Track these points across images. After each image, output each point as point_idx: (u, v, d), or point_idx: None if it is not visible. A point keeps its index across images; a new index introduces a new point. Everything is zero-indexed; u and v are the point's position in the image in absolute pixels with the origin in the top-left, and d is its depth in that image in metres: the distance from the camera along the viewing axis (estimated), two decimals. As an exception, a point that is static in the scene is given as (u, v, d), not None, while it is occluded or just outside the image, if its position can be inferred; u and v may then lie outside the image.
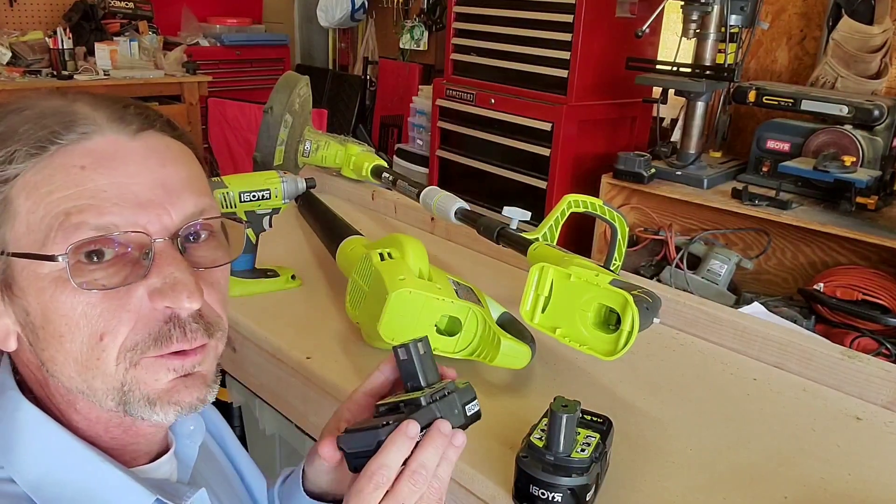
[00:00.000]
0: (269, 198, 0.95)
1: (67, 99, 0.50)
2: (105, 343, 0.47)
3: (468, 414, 0.54)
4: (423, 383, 0.55)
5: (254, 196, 0.94)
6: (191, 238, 0.50)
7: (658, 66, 2.25)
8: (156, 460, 0.56)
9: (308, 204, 1.31)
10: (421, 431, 0.51)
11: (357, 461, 0.52)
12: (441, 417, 0.52)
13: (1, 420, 0.50)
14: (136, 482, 0.50)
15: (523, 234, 0.91)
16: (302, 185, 0.98)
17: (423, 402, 0.52)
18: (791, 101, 2.02)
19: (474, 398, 0.55)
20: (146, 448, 0.55)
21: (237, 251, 0.55)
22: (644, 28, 2.10)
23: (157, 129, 0.51)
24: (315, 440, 0.87)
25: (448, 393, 0.53)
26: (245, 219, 0.94)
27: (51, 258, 0.45)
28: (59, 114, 0.48)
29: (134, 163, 0.48)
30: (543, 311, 0.74)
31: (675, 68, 2.17)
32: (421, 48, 3.79)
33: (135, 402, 0.48)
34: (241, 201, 0.93)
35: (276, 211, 0.97)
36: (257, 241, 0.97)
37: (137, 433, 0.53)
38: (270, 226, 0.97)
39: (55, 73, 3.22)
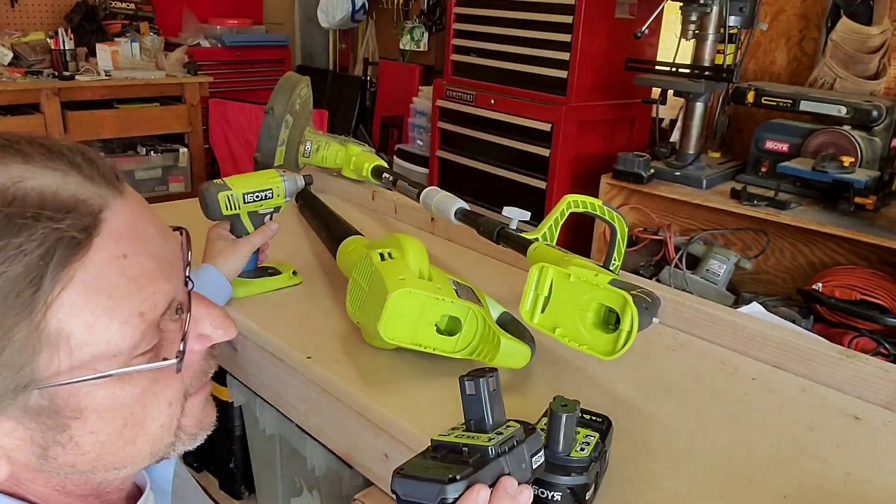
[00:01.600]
0: (272, 197, 0.95)
1: (26, 160, 0.39)
2: (173, 408, 0.46)
3: (534, 467, 0.51)
4: (488, 425, 0.50)
5: (257, 196, 0.94)
6: None
7: (657, 67, 2.25)
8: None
9: (308, 204, 1.31)
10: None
11: None
12: (509, 474, 0.49)
13: None
14: None
15: (523, 234, 0.91)
16: (301, 182, 0.99)
17: (491, 454, 0.48)
18: (790, 101, 2.02)
19: (541, 448, 0.52)
20: (118, 496, 0.52)
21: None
22: (643, 29, 2.10)
23: (118, 176, 0.45)
24: (315, 440, 0.88)
25: (516, 443, 0.50)
26: (248, 220, 0.95)
27: (162, 359, 0.43)
28: (74, 184, 0.39)
29: (144, 223, 0.43)
30: (543, 310, 0.74)
31: (674, 69, 2.18)
32: (421, 49, 3.79)
33: (181, 443, 0.48)
34: (244, 202, 0.93)
35: (277, 209, 0.97)
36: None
37: (107, 489, 0.50)
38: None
39: (56, 73, 3.22)
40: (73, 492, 0.47)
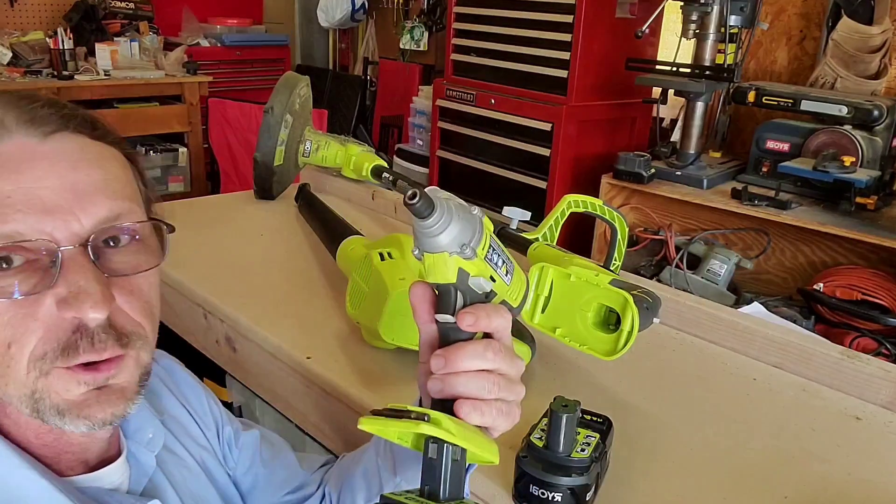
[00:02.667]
0: None
1: None
2: (13, 352, 0.45)
3: None
4: (442, 496, 0.45)
5: None
6: (110, 243, 0.48)
7: (658, 67, 2.25)
8: (100, 468, 0.53)
9: (308, 204, 1.31)
10: None
11: None
12: None
13: None
14: (60, 493, 0.48)
15: (523, 234, 0.91)
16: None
17: None
18: (790, 101, 2.02)
19: None
20: (81, 456, 0.53)
21: (164, 255, 0.52)
22: (644, 28, 2.10)
23: (71, 129, 0.49)
24: (315, 440, 0.88)
25: None
26: None
27: None
28: None
29: (42, 167, 0.46)
30: (543, 311, 0.74)
31: (674, 69, 2.18)
32: (421, 48, 3.79)
33: (45, 411, 0.47)
34: None
35: None
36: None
37: (70, 442, 0.51)
38: None
39: (56, 73, 3.22)
40: (31, 423, 0.48)
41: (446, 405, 0.48)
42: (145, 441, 0.58)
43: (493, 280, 0.48)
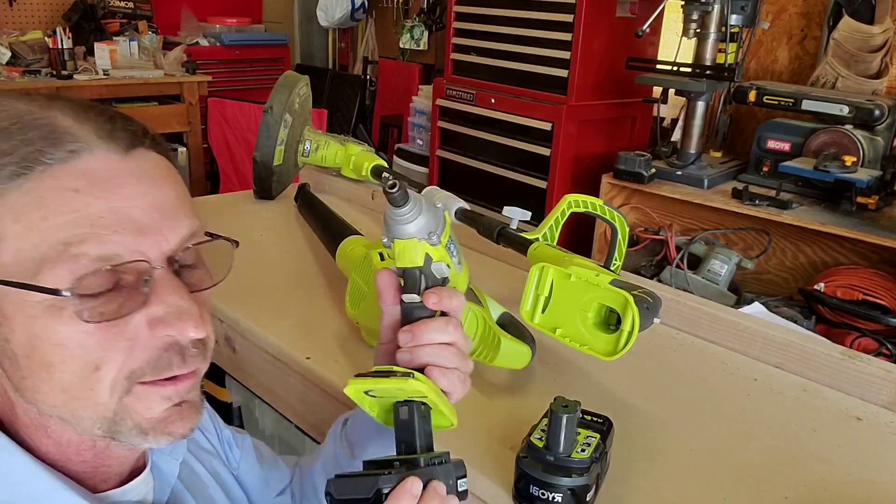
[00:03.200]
0: None
1: (41, 105, 0.46)
2: (101, 374, 0.44)
3: (458, 490, 0.52)
4: (417, 448, 0.53)
5: None
6: (185, 260, 0.49)
7: (658, 66, 2.25)
8: (128, 482, 0.53)
9: (308, 204, 1.31)
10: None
11: None
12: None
13: None
14: None
15: (523, 234, 0.91)
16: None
17: (422, 464, 0.51)
18: (791, 100, 2.02)
19: (465, 475, 0.53)
20: (118, 469, 0.53)
21: (225, 271, 0.52)
22: (644, 28, 2.10)
23: (146, 146, 0.48)
24: (315, 440, 0.87)
25: (445, 460, 0.52)
26: None
27: (53, 292, 0.42)
28: (39, 126, 0.44)
29: (130, 185, 0.45)
30: (543, 311, 0.74)
31: (675, 68, 2.17)
32: (421, 48, 3.78)
33: (126, 432, 0.46)
34: None
35: None
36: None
37: (110, 456, 0.51)
38: None
39: (55, 72, 3.22)
40: (73, 441, 0.48)
41: None
42: (168, 450, 0.58)
43: (449, 267, 0.55)
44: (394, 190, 0.49)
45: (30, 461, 0.47)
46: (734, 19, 2.06)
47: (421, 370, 0.54)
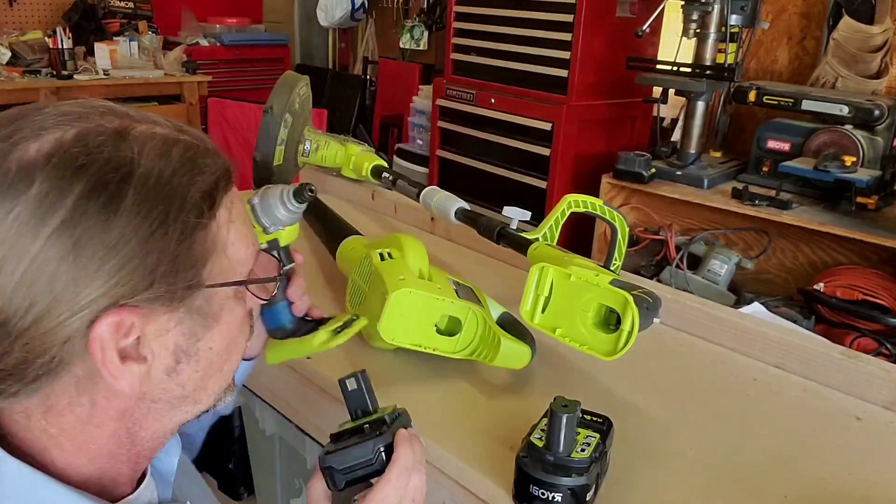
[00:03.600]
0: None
1: (172, 130, 0.49)
2: (234, 357, 0.53)
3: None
4: (371, 408, 0.61)
5: None
6: None
7: (658, 66, 2.25)
8: (138, 486, 0.53)
9: (308, 204, 1.30)
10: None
11: (350, 475, 0.56)
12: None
13: None
14: None
15: (523, 234, 0.91)
16: (291, 206, 0.86)
17: (388, 420, 0.58)
18: (791, 100, 2.02)
19: (411, 423, 0.62)
20: (129, 475, 0.52)
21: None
22: (644, 28, 2.10)
23: None
24: (316, 440, 0.87)
25: (399, 413, 0.61)
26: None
27: (273, 279, 0.55)
28: (193, 144, 0.48)
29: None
30: (543, 311, 0.74)
31: (675, 68, 2.17)
32: (421, 48, 3.78)
33: (226, 394, 0.54)
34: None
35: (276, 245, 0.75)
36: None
37: (119, 460, 0.50)
38: (291, 260, 0.75)
39: (55, 72, 3.22)
40: (131, 443, 0.50)
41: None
42: (164, 448, 0.58)
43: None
44: (313, 193, 0.66)
45: (60, 489, 0.46)
46: (734, 19, 2.06)
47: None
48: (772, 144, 2.11)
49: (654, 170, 2.18)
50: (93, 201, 0.41)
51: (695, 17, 2.07)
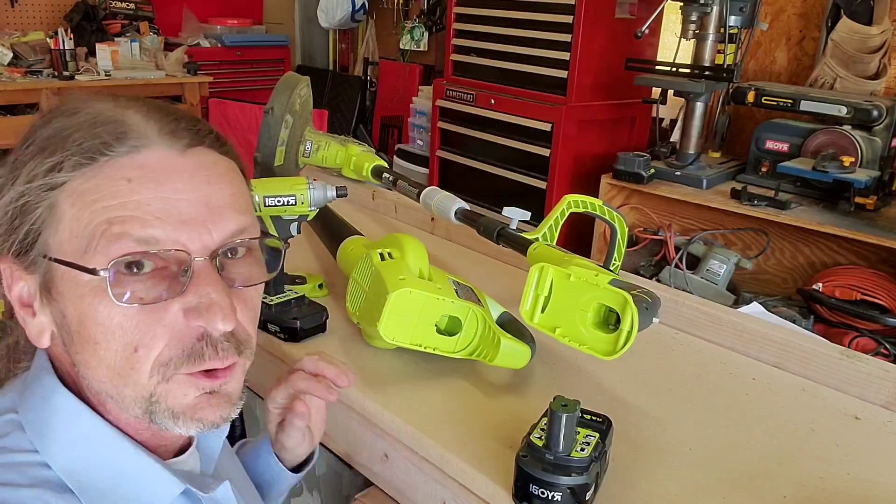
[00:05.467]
0: (295, 204, 0.90)
1: (119, 104, 0.50)
2: (139, 355, 0.47)
3: None
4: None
5: (279, 201, 0.90)
6: (228, 254, 0.50)
7: (657, 67, 2.25)
8: (180, 455, 0.56)
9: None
10: None
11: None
12: None
13: (37, 404, 0.50)
14: (167, 471, 0.51)
15: (523, 234, 0.91)
16: (332, 194, 0.94)
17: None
18: (790, 101, 2.02)
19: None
20: (172, 447, 0.56)
21: (274, 270, 0.55)
22: (643, 29, 2.10)
23: (206, 145, 0.51)
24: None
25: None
26: (271, 224, 0.91)
27: (91, 271, 0.45)
28: (110, 123, 0.48)
29: (181, 179, 0.48)
30: (543, 310, 0.74)
31: (674, 69, 2.18)
32: (421, 49, 3.79)
33: (159, 413, 0.49)
34: (265, 205, 0.89)
35: (303, 217, 0.92)
36: (286, 247, 0.91)
37: (164, 437, 0.54)
38: (298, 232, 0.93)
39: (56, 73, 3.22)
40: (130, 421, 0.51)
41: None
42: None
43: None
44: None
45: (100, 423, 0.50)
46: (733, 20, 2.06)
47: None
48: (770, 145, 2.12)
49: (653, 170, 2.18)
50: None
51: (694, 17, 2.08)
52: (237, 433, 1.21)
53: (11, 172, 0.48)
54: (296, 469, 0.73)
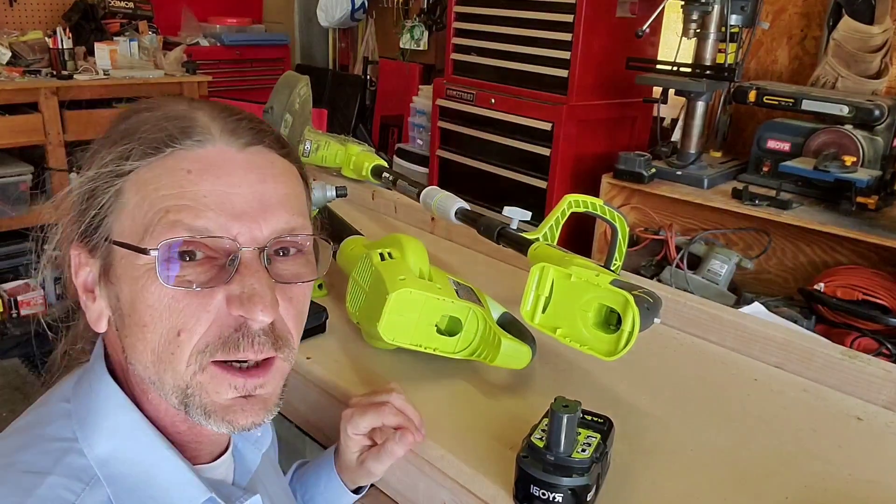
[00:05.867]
0: None
1: (192, 105, 0.53)
2: (181, 339, 0.48)
3: None
4: None
5: None
6: (279, 252, 0.52)
7: (658, 66, 2.25)
8: (215, 461, 0.57)
9: (308, 204, 1.30)
10: None
11: None
12: None
13: (85, 391, 0.52)
14: (195, 476, 0.52)
15: (523, 234, 0.91)
16: (331, 194, 0.95)
17: None
18: (791, 100, 2.02)
19: None
20: (209, 448, 0.57)
21: (323, 270, 0.56)
22: (644, 28, 2.10)
23: (265, 144, 0.53)
24: (315, 440, 0.87)
25: None
26: None
27: (145, 251, 0.48)
28: (179, 118, 0.51)
29: (237, 174, 0.50)
30: (544, 311, 0.74)
31: (675, 68, 2.17)
32: (421, 48, 3.78)
33: (193, 407, 0.50)
34: None
35: None
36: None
37: (201, 433, 0.55)
38: None
39: (55, 72, 3.21)
40: (169, 411, 0.52)
41: None
42: (253, 439, 0.62)
43: None
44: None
45: (139, 418, 0.52)
46: (734, 19, 2.06)
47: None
48: (772, 144, 2.11)
49: (654, 170, 2.17)
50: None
51: (695, 16, 2.07)
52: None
53: (87, 161, 0.52)
54: (356, 490, 0.75)
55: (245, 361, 0.50)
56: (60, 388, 0.54)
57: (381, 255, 0.83)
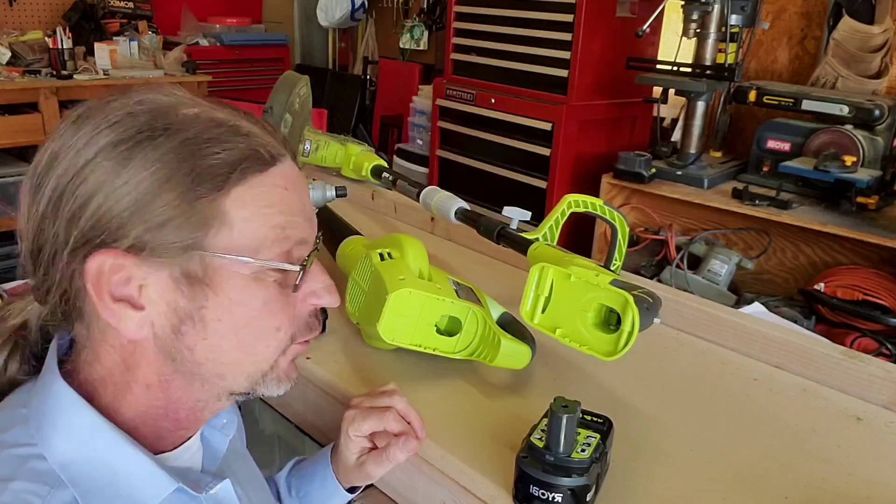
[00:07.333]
0: None
1: (233, 115, 0.55)
2: (280, 334, 0.54)
3: None
4: None
5: None
6: None
7: (658, 66, 2.25)
8: (179, 447, 0.57)
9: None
10: None
11: None
12: None
13: (38, 394, 0.53)
14: (159, 468, 0.52)
15: (523, 234, 0.91)
16: (331, 194, 0.95)
17: None
18: (791, 100, 2.02)
19: None
20: (177, 434, 0.57)
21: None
22: (644, 28, 2.10)
23: (294, 158, 0.58)
24: (314, 440, 0.87)
25: None
26: None
27: (281, 269, 0.52)
28: (246, 134, 0.53)
29: (301, 188, 0.56)
30: (543, 311, 0.74)
31: (675, 68, 2.17)
32: (421, 48, 3.78)
33: (268, 382, 0.55)
34: None
35: None
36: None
37: (178, 420, 0.55)
38: None
39: (55, 72, 3.21)
40: (167, 399, 0.54)
41: None
42: (220, 425, 0.64)
43: None
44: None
45: (96, 417, 0.52)
46: (734, 19, 2.06)
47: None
48: (772, 144, 2.11)
49: (654, 170, 2.18)
50: (118, 148, 0.48)
51: (695, 16, 2.07)
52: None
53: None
54: (350, 489, 0.75)
55: None
56: (18, 394, 0.54)
57: (381, 255, 0.83)
